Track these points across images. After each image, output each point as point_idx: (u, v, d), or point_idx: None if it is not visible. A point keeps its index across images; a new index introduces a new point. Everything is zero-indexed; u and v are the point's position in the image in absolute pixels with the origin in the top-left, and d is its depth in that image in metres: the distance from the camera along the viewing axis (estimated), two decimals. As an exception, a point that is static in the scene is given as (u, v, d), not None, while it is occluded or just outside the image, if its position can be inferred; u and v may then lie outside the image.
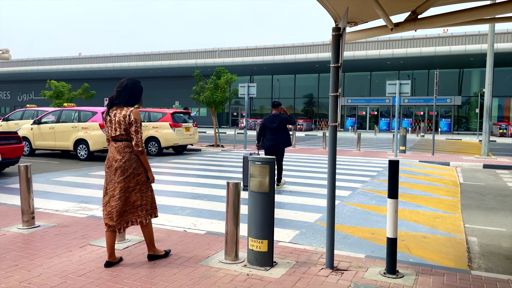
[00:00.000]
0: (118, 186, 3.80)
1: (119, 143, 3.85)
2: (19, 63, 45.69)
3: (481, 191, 8.75)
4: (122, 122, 3.80)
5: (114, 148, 3.85)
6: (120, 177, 3.79)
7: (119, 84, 3.93)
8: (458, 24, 4.21)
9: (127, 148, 3.83)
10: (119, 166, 3.79)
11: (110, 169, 3.86)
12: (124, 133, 3.82)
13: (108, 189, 3.87)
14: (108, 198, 3.85)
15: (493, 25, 15.12)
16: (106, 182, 3.91)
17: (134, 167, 3.83)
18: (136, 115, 3.81)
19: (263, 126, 8.36)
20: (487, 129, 15.16)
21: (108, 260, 3.88)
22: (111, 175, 3.85)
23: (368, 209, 6.73)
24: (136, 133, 3.80)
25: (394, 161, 3.76)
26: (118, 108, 3.86)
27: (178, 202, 6.93)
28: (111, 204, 3.81)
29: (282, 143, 8.18)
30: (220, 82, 17.84)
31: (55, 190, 7.87)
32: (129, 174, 3.81)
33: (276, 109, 8.39)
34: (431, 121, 35.03)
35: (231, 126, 42.19)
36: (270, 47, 35.99)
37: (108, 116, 3.89)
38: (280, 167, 8.39)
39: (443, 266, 4.18)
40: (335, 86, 3.84)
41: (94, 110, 13.23)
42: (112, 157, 3.85)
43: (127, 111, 3.82)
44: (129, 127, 3.81)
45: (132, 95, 3.91)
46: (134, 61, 40.18)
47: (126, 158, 3.81)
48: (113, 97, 3.92)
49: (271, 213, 3.88)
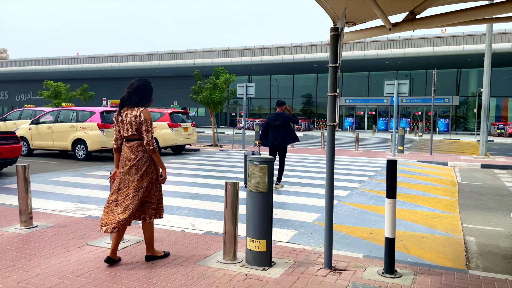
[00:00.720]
0: (132, 185, 3.86)
1: (132, 142, 3.92)
2: (17, 63, 45.60)
3: (479, 191, 8.76)
4: (133, 122, 3.87)
5: (127, 148, 3.93)
6: (134, 175, 3.86)
7: (130, 85, 3.99)
8: (456, 24, 4.22)
9: (140, 147, 3.90)
10: (133, 164, 3.87)
11: (124, 169, 3.92)
12: (136, 133, 3.90)
13: (122, 188, 3.90)
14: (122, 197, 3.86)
15: (491, 26, 15.16)
16: (119, 182, 3.94)
17: (147, 165, 3.90)
18: (146, 115, 3.88)
19: (267, 124, 8.52)
20: (485, 129, 15.19)
21: (109, 255, 3.90)
22: (125, 175, 3.90)
23: (367, 209, 6.74)
24: (147, 132, 3.87)
25: (392, 161, 3.76)
26: (129, 109, 3.93)
27: (177, 202, 6.92)
28: (125, 203, 3.83)
29: (284, 141, 8.36)
30: (218, 82, 17.83)
31: (53, 190, 7.85)
32: (143, 173, 3.87)
33: (280, 107, 8.60)
34: (429, 121, 35.08)
35: (229, 126, 42.18)
36: (268, 47, 36.00)
37: (120, 117, 3.95)
38: (282, 165, 8.50)
39: (441, 265, 4.19)
40: (333, 86, 3.84)
41: (92, 110, 13.21)
42: (126, 156, 3.93)
43: (137, 111, 3.89)
44: (140, 127, 3.88)
45: (143, 96, 3.97)
46: (132, 61, 40.13)
47: (140, 157, 3.88)
48: (124, 98, 3.98)
49: (269, 213, 3.88)
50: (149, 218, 3.98)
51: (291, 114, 8.59)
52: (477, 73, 34.34)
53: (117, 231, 3.79)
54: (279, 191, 7.99)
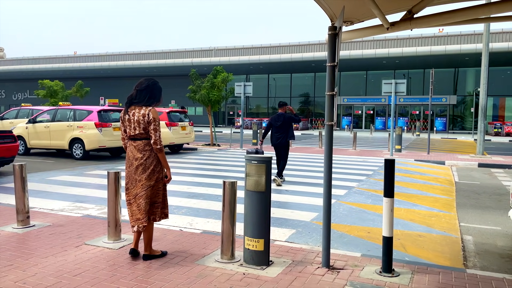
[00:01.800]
0: (140, 184, 3.88)
1: (139, 141, 3.93)
2: (14, 62, 45.44)
3: (476, 190, 8.79)
4: (141, 121, 3.88)
5: (134, 147, 3.94)
6: (142, 174, 3.88)
7: (139, 83, 4.01)
8: (454, 23, 4.22)
9: (147, 146, 3.92)
10: (140, 164, 3.89)
11: (131, 168, 3.94)
12: (143, 132, 3.91)
13: (129, 188, 3.94)
14: (132, 197, 3.93)
15: (488, 25, 15.19)
16: (126, 181, 3.98)
17: (154, 164, 3.92)
18: (154, 114, 3.91)
19: (270, 124, 9.06)
20: (482, 128, 15.23)
21: (132, 247, 4.03)
22: (132, 174, 3.92)
23: (364, 208, 6.75)
24: (155, 131, 3.89)
25: (390, 160, 3.77)
26: (137, 107, 3.94)
27: (174, 201, 6.91)
28: (137, 202, 3.89)
29: (284, 139, 8.90)
30: (216, 81, 17.81)
31: (51, 190, 7.83)
32: (151, 172, 3.90)
33: (282, 108, 9.07)
34: (427, 120, 35.11)
35: (227, 125, 42.15)
36: (266, 46, 36.00)
37: (127, 115, 3.96)
38: (284, 162, 8.99)
39: (439, 264, 4.19)
40: (331, 85, 3.84)
41: (89, 109, 13.17)
42: (132, 156, 3.94)
43: (146, 110, 3.90)
44: (148, 126, 3.89)
45: (153, 94, 4.00)
46: (129, 60, 40.05)
47: (147, 156, 3.90)
48: (132, 96, 3.99)
49: (267, 212, 3.88)
50: (159, 219, 4.03)
51: (293, 114, 9.18)
52: (474, 73, 34.42)
53: (137, 230, 3.91)
54: (278, 190, 7.99)
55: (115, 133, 12.91)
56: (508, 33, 29.18)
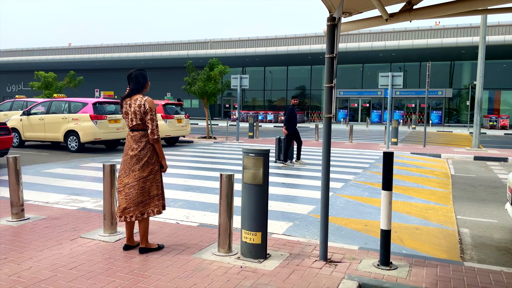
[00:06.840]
0: (133, 174, 3.89)
1: (136, 132, 3.95)
2: (7, 53, 44.96)
3: (472, 183, 8.81)
4: (137, 112, 3.90)
5: (131, 137, 3.96)
6: (135, 165, 3.90)
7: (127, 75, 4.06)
8: (453, 14, 4.18)
9: (143, 138, 3.93)
10: (134, 154, 3.90)
11: (125, 157, 3.97)
12: (140, 123, 3.93)
13: (121, 176, 3.95)
14: (122, 186, 3.92)
15: (485, 18, 15.17)
16: (120, 170, 3.99)
17: (148, 156, 3.93)
18: (150, 103, 3.93)
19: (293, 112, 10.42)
20: (478, 122, 15.27)
21: (126, 243, 4.03)
22: (127, 164, 3.94)
23: (361, 200, 6.74)
24: (152, 121, 3.90)
25: (389, 153, 3.74)
26: (132, 99, 3.96)
27: (170, 194, 6.88)
28: (125, 191, 3.89)
29: None
30: (213, 73, 17.70)
31: (45, 182, 7.77)
32: (144, 163, 3.90)
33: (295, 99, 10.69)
34: (423, 113, 35.23)
35: (223, 118, 42.03)
36: (262, 38, 35.79)
37: (124, 108, 4.01)
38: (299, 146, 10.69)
39: (436, 257, 4.19)
40: (330, 77, 3.79)
41: (84, 101, 13.06)
42: (128, 146, 3.97)
43: (141, 101, 3.92)
44: (144, 116, 3.91)
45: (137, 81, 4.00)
46: (125, 52, 39.73)
47: (142, 147, 3.91)
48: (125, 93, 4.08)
49: (264, 205, 3.85)
50: (152, 213, 3.98)
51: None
52: (470, 66, 34.46)
53: (124, 220, 3.90)
54: (276, 183, 7.97)
55: (111, 125, 12.82)
56: (504, 26, 29.16)
